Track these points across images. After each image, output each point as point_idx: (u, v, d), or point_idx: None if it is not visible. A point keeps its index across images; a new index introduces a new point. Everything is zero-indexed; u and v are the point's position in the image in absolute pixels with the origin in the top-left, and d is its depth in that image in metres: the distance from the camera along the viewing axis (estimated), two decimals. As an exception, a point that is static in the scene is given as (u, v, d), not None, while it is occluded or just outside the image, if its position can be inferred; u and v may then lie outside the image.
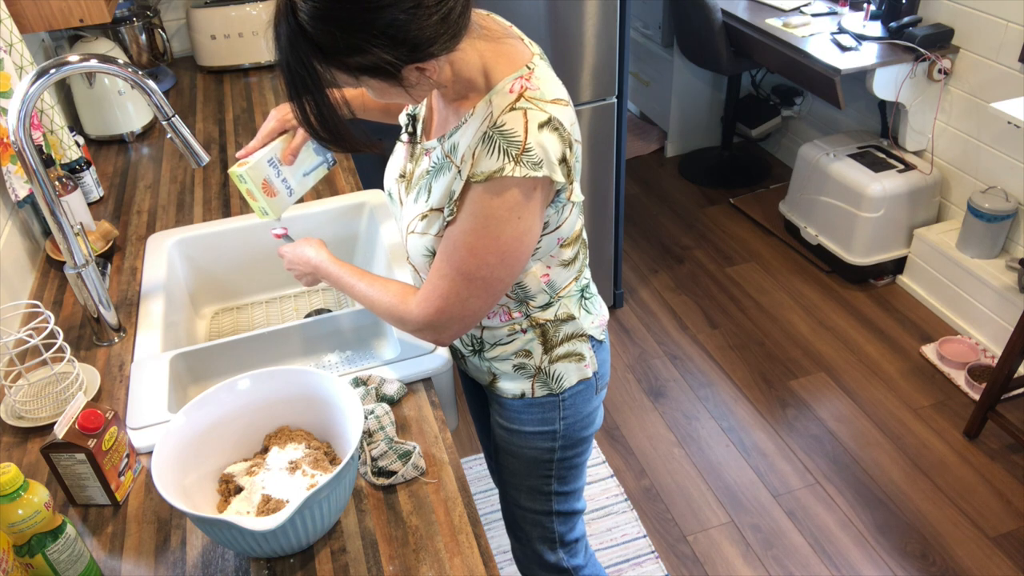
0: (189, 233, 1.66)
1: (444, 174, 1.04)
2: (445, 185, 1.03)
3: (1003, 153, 2.59)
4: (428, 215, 1.07)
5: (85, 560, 0.95)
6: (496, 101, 0.98)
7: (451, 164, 1.03)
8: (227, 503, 1.02)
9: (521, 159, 0.94)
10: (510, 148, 0.94)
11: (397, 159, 1.19)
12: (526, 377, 1.22)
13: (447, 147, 1.04)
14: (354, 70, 0.91)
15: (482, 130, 0.97)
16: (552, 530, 1.43)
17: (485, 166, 0.95)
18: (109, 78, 2.07)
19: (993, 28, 2.50)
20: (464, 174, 0.98)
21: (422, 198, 1.08)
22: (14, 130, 1.12)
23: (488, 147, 0.95)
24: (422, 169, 1.09)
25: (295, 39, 0.90)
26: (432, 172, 1.07)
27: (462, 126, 1.02)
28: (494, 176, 0.94)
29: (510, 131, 0.95)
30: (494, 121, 0.96)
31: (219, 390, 1.05)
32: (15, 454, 1.16)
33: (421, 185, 1.09)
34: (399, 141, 1.20)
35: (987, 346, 2.63)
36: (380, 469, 1.07)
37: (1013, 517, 2.12)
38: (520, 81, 0.99)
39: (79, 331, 1.40)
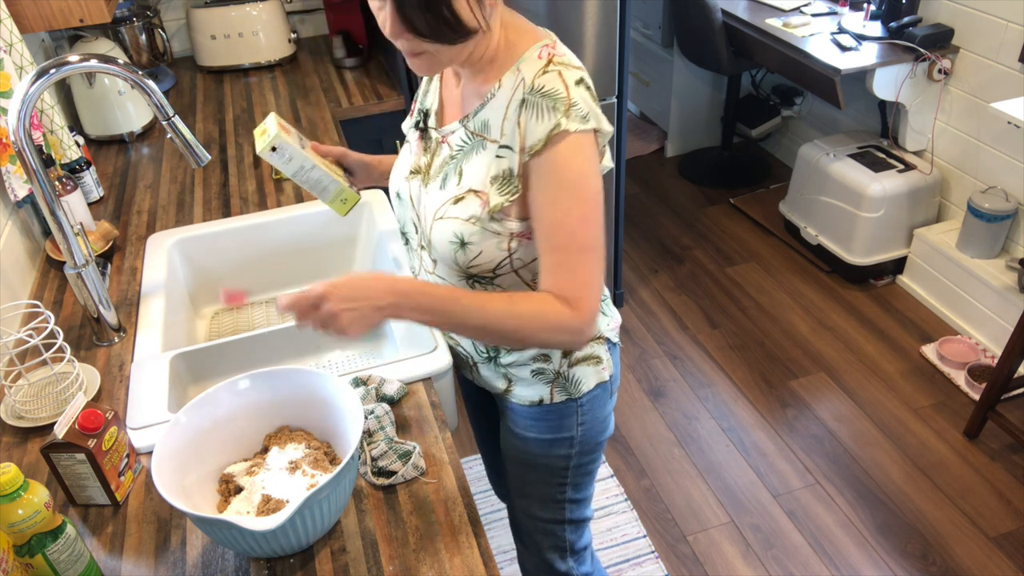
0: (189, 233, 1.66)
1: (477, 153, 1.02)
2: (484, 164, 1.01)
3: (1003, 153, 2.59)
4: (464, 197, 1.03)
5: (85, 560, 0.95)
6: (525, 69, 0.97)
7: (484, 141, 1.01)
8: (227, 503, 1.02)
9: (570, 113, 0.94)
10: (556, 105, 0.94)
11: (403, 160, 1.17)
12: (544, 382, 1.20)
13: (475, 125, 1.02)
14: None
15: (518, 98, 0.96)
16: (564, 539, 1.41)
17: (539, 131, 0.94)
18: (109, 78, 2.07)
19: (993, 28, 2.50)
20: (518, 148, 0.97)
21: (451, 183, 1.05)
22: (14, 130, 1.12)
23: (533, 112, 0.95)
24: (443, 156, 1.07)
25: None
26: (460, 154, 1.05)
27: (488, 102, 1.01)
28: (553, 136, 0.93)
29: (551, 90, 0.94)
30: (530, 86, 0.95)
31: (219, 390, 1.05)
32: (15, 454, 1.16)
33: (447, 171, 1.06)
34: (406, 143, 1.18)
35: (987, 346, 2.63)
36: (380, 469, 1.07)
37: (1013, 517, 2.12)
38: (546, 49, 0.99)
39: (79, 331, 1.40)
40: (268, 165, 1.93)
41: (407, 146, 1.17)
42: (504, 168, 0.99)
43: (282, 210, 1.72)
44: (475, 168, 1.02)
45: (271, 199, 1.79)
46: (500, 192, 1.00)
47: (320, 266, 1.74)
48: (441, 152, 1.08)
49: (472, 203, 1.02)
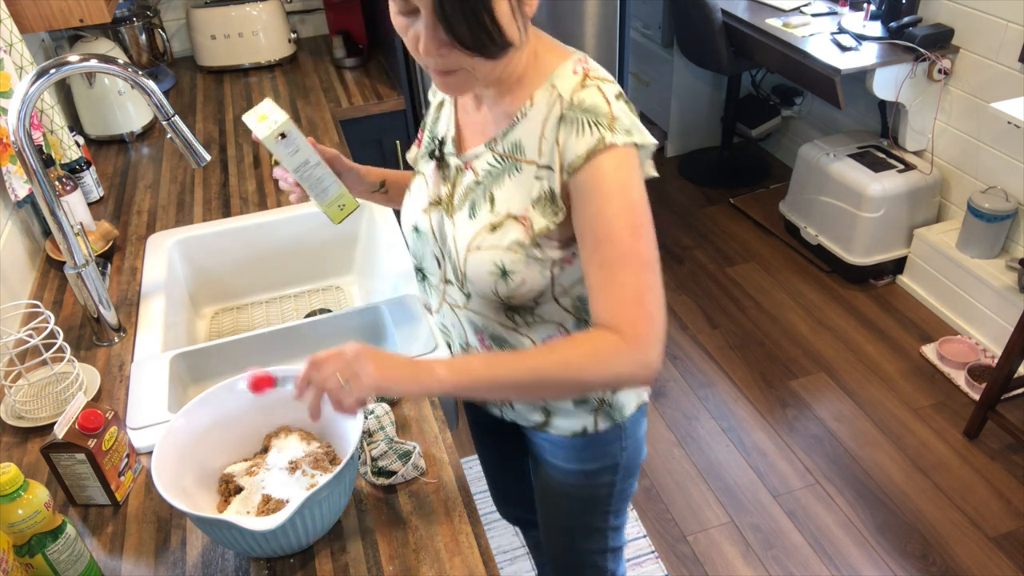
0: (189, 233, 1.66)
1: (510, 176, 0.96)
2: (521, 187, 0.95)
3: (1003, 153, 2.59)
4: (503, 223, 0.95)
5: (85, 560, 0.95)
6: (561, 85, 0.92)
7: (518, 163, 0.95)
8: (227, 503, 1.02)
9: (613, 127, 0.89)
10: (598, 119, 0.89)
11: (418, 193, 1.09)
12: (588, 411, 1.13)
13: (505, 147, 0.96)
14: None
15: (555, 115, 0.91)
16: (605, 568, 1.36)
17: (580, 147, 0.89)
18: (109, 78, 2.07)
19: (993, 28, 2.50)
20: (558, 167, 0.91)
21: (482, 210, 0.97)
22: (14, 130, 1.12)
23: (573, 128, 0.89)
24: (467, 183, 1.00)
25: None
26: (488, 179, 0.98)
27: (519, 122, 0.95)
28: (596, 151, 0.88)
29: (592, 105, 0.90)
30: (569, 101, 0.90)
31: (219, 390, 1.05)
32: (15, 454, 1.16)
33: (474, 198, 0.99)
34: (417, 175, 1.11)
35: (987, 346, 2.63)
36: (380, 469, 1.07)
37: (1013, 517, 2.12)
38: (580, 64, 0.95)
39: (79, 331, 1.40)
40: (268, 165, 1.93)
41: (419, 178, 1.10)
42: (545, 189, 0.93)
43: (282, 210, 1.72)
44: (510, 192, 0.96)
45: (271, 199, 1.79)
46: (544, 215, 0.94)
47: (320, 266, 1.74)
48: (464, 179, 1.01)
49: (512, 229, 0.95)
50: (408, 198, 1.12)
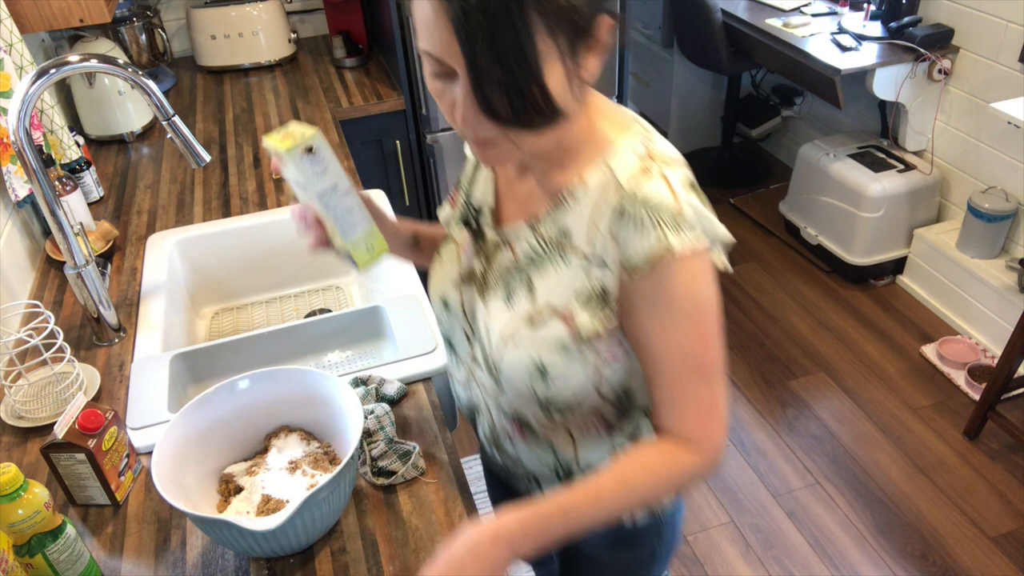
0: (189, 233, 1.66)
1: (554, 265, 0.84)
2: (566, 279, 0.83)
3: (1003, 153, 2.59)
4: (543, 318, 0.84)
5: (85, 560, 0.95)
6: (618, 167, 0.79)
7: (564, 252, 0.83)
8: (227, 503, 1.02)
9: (680, 228, 0.76)
10: (662, 217, 0.76)
11: (449, 262, 0.98)
12: None
13: (549, 231, 0.84)
14: (551, 14, 0.67)
15: (610, 204, 0.78)
16: None
17: (641, 249, 0.76)
18: (109, 78, 2.07)
19: (993, 28, 2.50)
20: (615, 265, 0.79)
21: (520, 298, 0.86)
22: (14, 130, 1.12)
23: (633, 225, 0.77)
24: (505, 262, 0.89)
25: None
26: (528, 263, 0.86)
27: (567, 204, 0.83)
28: (662, 259, 0.76)
29: (656, 199, 0.76)
30: (628, 191, 0.77)
31: (219, 390, 1.05)
32: (15, 454, 1.16)
33: (511, 282, 0.88)
34: (448, 241, 1.00)
35: (987, 346, 2.63)
36: (380, 469, 1.07)
37: (1013, 517, 2.12)
38: (642, 140, 0.82)
39: (79, 331, 1.40)
40: (268, 165, 1.93)
41: (451, 246, 0.98)
42: (596, 287, 0.81)
43: (282, 210, 1.72)
44: (553, 283, 0.84)
45: (271, 199, 1.79)
46: (592, 316, 0.82)
47: (320, 266, 1.74)
48: (501, 258, 0.90)
49: (554, 326, 0.84)
50: (438, 266, 1.00)
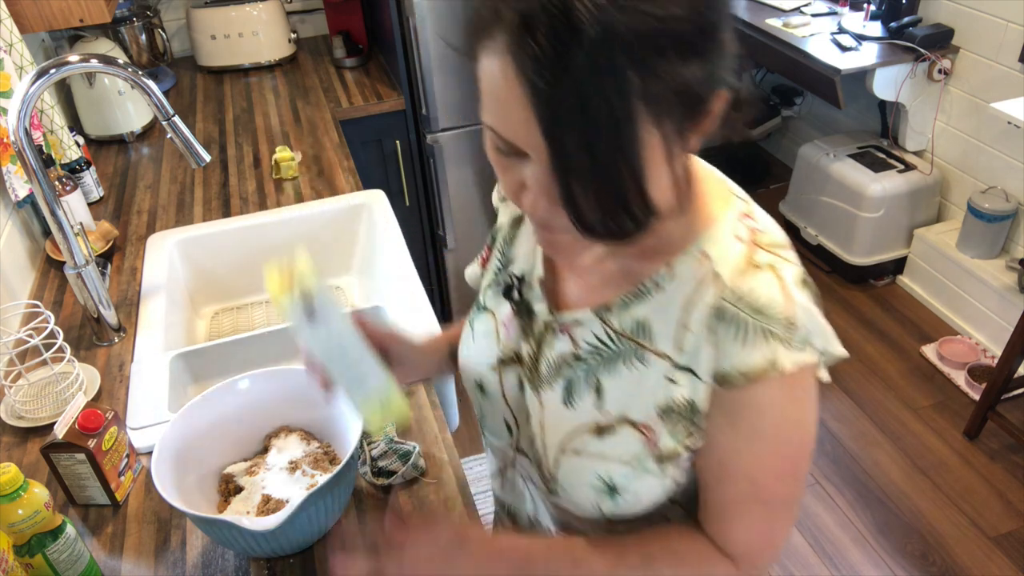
0: (189, 233, 1.66)
1: (629, 365, 0.70)
2: (645, 386, 0.69)
3: (1003, 153, 2.59)
4: (615, 429, 0.71)
5: (85, 560, 0.95)
6: (718, 256, 0.65)
7: (643, 351, 0.69)
8: (227, 503, 1.02)
9: (791, 339, 0.63)
10: (771, 326, 0.63)
11: (484, 337, 0.84)
12: None
13: (624, 323, 0.70)
14: (659, 100, 0.52)
15: (707, 302, 0.65)
16: None
17: (741, 361, 0.64)
18: (109, 78, 2.07)
19: (993, 28, 2.50)
20: (707, 374, 0.66)
21: (584, 399, 0.73)
22: (14, 130, 1.12)
23: (735, 330, 0.64)
24: (562, 352, 0.75)
25: (602, 33, 0.49)
26: (596, 360, 0.72)
27: (649, 294, 0.68)
28: (765, 375, 0.63)
29: (765, 302, 0.63)
30: (731, 288, 0.64)
31: (219, 390, 1.05)
32: (15, 454, 1.16)
33: (571, 378, 0.74)
34: (480, 310, 0.86)
35: (987, 346, 2.63)
36: (380, 469, 1.07)
37: (1013, 517, 2.12)
38: (744, 221, 0.68)
39: (79, 331, 1.40)
40: (268, 165, 1.93)
41: (486, 318, 0.84)
42: (682, 399, 0.68)
43: (282, 210, 1.72)
44: (628, 390, 0.70)
45: (271, 199, 1.79)
46: (674, 432, 0.69)
47: (320, 266, 1.74)
48: (556, 344, 0.75)
49: (630, 440, 0.70)
50: (469, 342, 0.86)
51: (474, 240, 2.52)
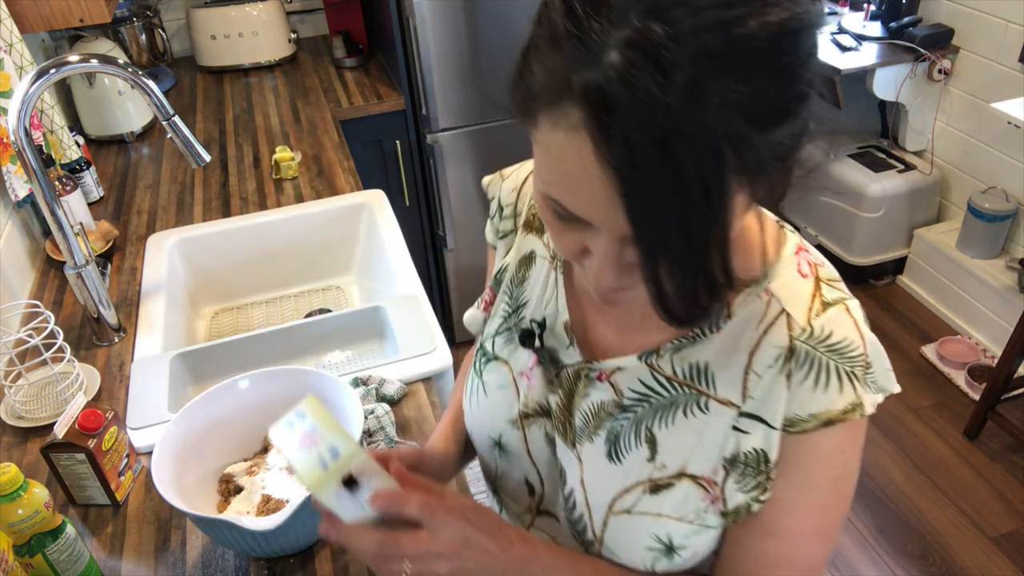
0: (189, 233, 1.66)
1: (687, 414, 0.65)
2: (708, 436, 0.64)
3: (1003, 153, 2.59)
4: (671, 484, 0.65)
5: (85, 560, 0.95)
6: (785, 295, 0.61)
7: (702, 398, 0.64)
8: (227, 503, 1.02)
9: (868, 382, 0.60)
10: (852, 368, 0.59)
11: (500, 392, 0.77)
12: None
13: (679, 368, 0.65)
14: (753, 170, 0.48)
15: (776, 343, 0.60)
16: None
17: (820, 406, 0.59)
18: (109, 78, 2.07)
19: (993, 28, 2.50)
20: (779, 420, 0.61)
21: (631, 451, 0.67)
22: (14, 130, 1.12)
23: (814, 373, 0.59)
24: (600, 400, 0.69)
25: (698, 103, 0.43)
26: (645, 409, 0.67)
27: (705, 336, 0.64)
28: (845, 420, 0.59)
29: (844, 343, 0.60)
30: (803, 328, 0.60)
31: (219, 390, 1.05)
32: (15, 454, 1.16)
33: (615, 429, 0.68)
34: (491, 359, 0.79)
35: (987, 346, 2.63)
36: (380, 469, 1.07)
37: (1013, 517, 2.12)
38: (802, 255, 0.64)
39: (79, 331, 1.40)
40: (268, 165, 1.93)
41: (499, 369, 0.78)
42: (751, 449, 0.62)
43: (282, 210, 1.72)
44: (685, 439, 0.65)
45: (271, 199, 1.79)
46: (743, 486, 0.63)
47: (320, 266, 1.74)
48: (593, 393, 0.70)
49: (691, 496, 0.65)
50: (480, 396, 0.80)
51: (474, 240, 2.52)
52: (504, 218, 0.81)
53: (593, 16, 0.45)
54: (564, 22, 0.47)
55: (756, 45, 0.44)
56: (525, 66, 0.51)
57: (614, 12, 0.44)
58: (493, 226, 0.83)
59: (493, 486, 0.84)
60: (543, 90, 0.49)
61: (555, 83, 0.48)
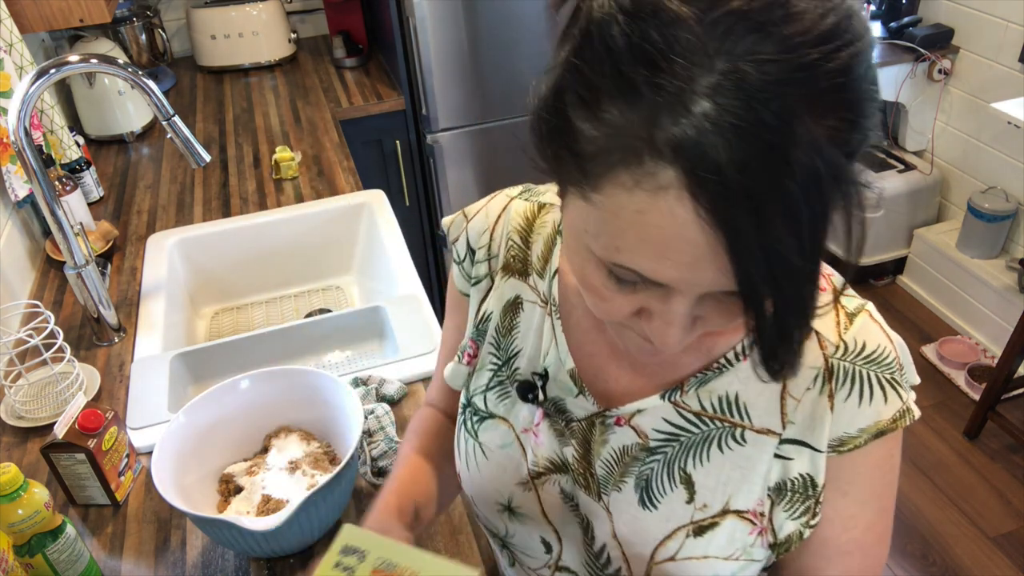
0: (189, 233, 1.66)
1: (722, 447, 0.62)
2: (746, 467, 0.62)
3: (1003, 153, 2.59)
4: (715, 524, 0.63)
5: (85, 560, 0.95)
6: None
7: (738, 429, 0.62)
8: (227, 503, 1.02)
9: (904, 385, 0.60)
10: (892, 375, 0.59)
11: (503, 452, 0.72)
12: None
13: (707, 402, 0.62)
14: (852, 205, 0.45)
15: (810, 364, 0.59)
16: None
17: (868, 419, 0.59)
18: (109, 78, 2.07)
19: (993, 28, 2.50)
20: (824, 443, 0.60)
21: (669, 497, 0.64)
22: (14, 130, 1.12)
23: (857, 388, 0.59)
24: (623, 445, 0.66)
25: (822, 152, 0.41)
26: (675, 448, 0.64)
27: (731, 365, 0.61)
28: (895, 428, 0.60)
29: (880, 353, 0.59)
30: (835, 343, 0.59)
31: (219, 390, 1.05)
32: (15, 454, 1.16)
33: (645, 474, 0.65)
34: (483, 417, 0.74)
35: (987, 346, 2.63)
36: (380, 469, 1.07)
37: (1013, 517, 2.12)
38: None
39: (79, 331, 1.40)
40: (268, 165, 1.93)
41: (494, 424, 0.73)
42: (797, 475, 0.61)
43: (282, 210, 1.72)
44: (724, 473, 0.63)
45: (271, 199, 1.79)
46: (792, 513, 0.62)
47: (320, 266, 1.74)
48: (612, 439, 0.66)
49: (737, 533, 0.63)
50: (479, 459, 0.74)
51: (474, 240, 2.52)
52: (476, 262, 0.74)
53: (672, 62, 0.40)
54: (632, 69, 0.41)
55: (849, 77, 0.41)
56: (566, 122, 0.45)
57: (696, 56, 0.40)
58: (463, 272, 0.76)
59: (502, 543, 0.79)
60: (610, 149, 0.43)
61: (629, 140, 0.42)
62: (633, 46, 0.41)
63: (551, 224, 0.70)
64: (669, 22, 0.40)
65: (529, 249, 0.70)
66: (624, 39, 0.41)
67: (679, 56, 0.40)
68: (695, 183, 0.40)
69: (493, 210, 0.74)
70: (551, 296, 0.68)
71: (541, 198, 0.72)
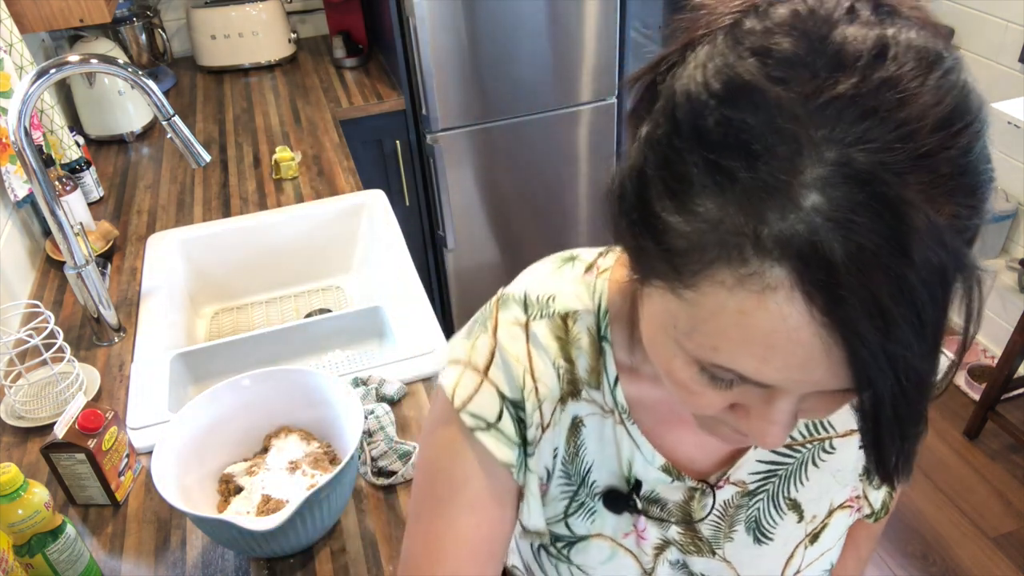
0: (189, 233, 1.66)
1: (816, 462, 0.66)
2: (840, 468, 0.67)
3: (1003, 153, 2.59)
4: (826, 525, 0.69)
5: (85, 560, 0.95)
6: None
7: (826, 442, 0.66)
8: (227, 503, 1.02)
9: None
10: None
11: (614, 559, 0.69)
12: None
13: (795, 434, 0.65)
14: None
15: None
16: None
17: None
18: (109, 78, 2.07)
19: (993, 28, 2.50)
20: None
21: (778, 525, 0.67)
22: (14, 130, 1.12)
23: None
24: (724, 500, 0.66)
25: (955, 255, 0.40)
26: (774, 483, 0.66)
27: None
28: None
29: None
30: None
31: (219, 390, 1.05)
32: (15, 454, 1.16)
33: (752, 516, 0.67)
34: (576, 540, 0.69)
35: (987, 346, 2.63)
36: (380, 469, 1.07)
37: (1013, 517, 2.12)
38: None
39: (79, 331, 1.40)
40: (268, 165, 1.93)
41: (596, 543, 0.68)
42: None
43: (282, 210, 1.72)
44: (824, 484, 0.67)
45: (271, 199, 1.79)
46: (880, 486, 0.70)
47: (320, 266, 1.74)
48: (708, 502, 0.66)
49: (842, 522, 0.70)
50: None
51: (474, 240, 2.52)
52: (531, 426, 0.62)
53: (774, 151, 0.37)
54: (730, 160, 0.38)
55: (969, 160, 0.39)
56: (652, 215, 0.42)
57: (800, 144, 0.37)
58: (502, 436, 0.61)
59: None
60: (706, 245, 0.40)
61: (729, 236, 0.39)
62: (729, 135, 0.38)
63: (586, 333, 0.62)
64: (768, 108, 0.37)
65: (574, 366, 0.63)
66: (718, 127, 0.39)
67: (782, 145, 0.37)
68: (808, 283, 0.37)
69: (515, 350, 0.62)
70: (617, 405, 0.62)
71: (554, 307, 0.62)
